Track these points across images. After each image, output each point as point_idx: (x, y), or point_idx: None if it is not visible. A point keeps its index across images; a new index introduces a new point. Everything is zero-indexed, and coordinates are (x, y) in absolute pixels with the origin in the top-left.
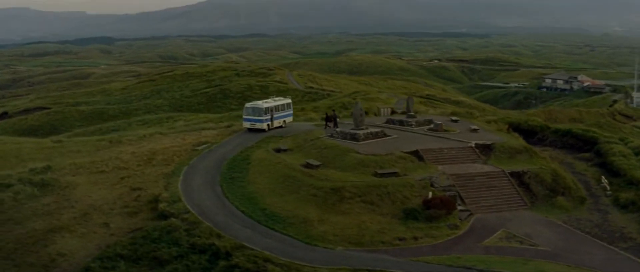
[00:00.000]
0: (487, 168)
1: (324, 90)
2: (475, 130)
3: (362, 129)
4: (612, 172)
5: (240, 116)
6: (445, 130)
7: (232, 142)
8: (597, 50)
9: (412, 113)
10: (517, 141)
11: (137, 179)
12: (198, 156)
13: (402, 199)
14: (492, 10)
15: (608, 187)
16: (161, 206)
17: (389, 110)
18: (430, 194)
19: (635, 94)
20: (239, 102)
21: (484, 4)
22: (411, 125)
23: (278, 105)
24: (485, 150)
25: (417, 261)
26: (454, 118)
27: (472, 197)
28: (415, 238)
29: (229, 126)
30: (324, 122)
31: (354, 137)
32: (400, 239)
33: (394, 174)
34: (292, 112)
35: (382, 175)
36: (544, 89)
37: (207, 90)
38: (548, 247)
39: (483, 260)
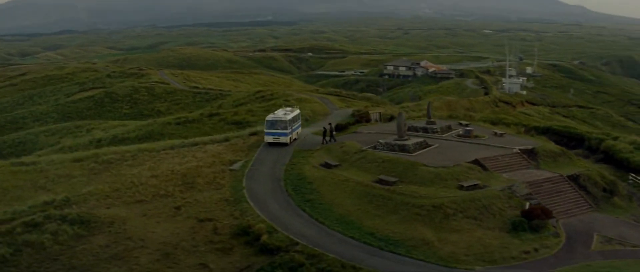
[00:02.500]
0: (547, 174)
1: (211, 89)
2: (501, 134)
3: (405, 140)
4: (630, 168)
5: (169, 123)
6: (476, 137)
7: (263, 159)
8: (411, 34)
9: (432, 119)
10: (549, 143)
11: (197, 208)
12: (244, 177)
13: (498, 211)
14: None
15: None
16: (264, 238)
17: (378, 114)
18: (527, 205)
19: (505, 80)
20: (129, 106)
21: None
22: (436, 132)
23: (294, 117)
24: (531, 155)
25: None
26: (462, 122)
27: (549, 203)
28: (536, 250)
29: (226, 140)
30: (322, 136)
31: (404, 149)
32: (525, 253)
33: (476, 186)
34: (300, 123)
35: (468, 188)
36: (386, 77)
37: (90, 94)
38: None
39: (615, 266)
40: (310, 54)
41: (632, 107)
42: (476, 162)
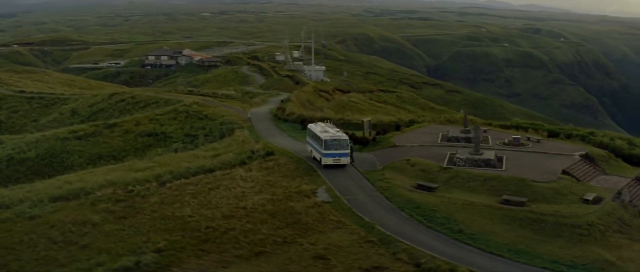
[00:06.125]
0: (623, 179)
1: (43, 93)
2: (537, 140)
3: (482, 154)
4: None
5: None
6: (522, 145)
7: (341, 185)
8: (132, 20)
9: (468, 128)
10: (591, 147)
11: (346, 256)
12: (353, 209)
13: (631, 222)
14: None
15: None
16: None
17: (369, 122)
18: None
19: (308, 68)
20: None
21: None
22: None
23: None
24: (591, 160)
25: None
26: (483, 129)
27: None
28: None
29: (244, 162)
30: None
31: (489, 164)
32: None
33: (595, 199)
34: None
35: (593, 202)
36: (149, 67)
37: None
38: None
39: None
40: (52, 47)
41: (403, 86)
42: (565, 172)
